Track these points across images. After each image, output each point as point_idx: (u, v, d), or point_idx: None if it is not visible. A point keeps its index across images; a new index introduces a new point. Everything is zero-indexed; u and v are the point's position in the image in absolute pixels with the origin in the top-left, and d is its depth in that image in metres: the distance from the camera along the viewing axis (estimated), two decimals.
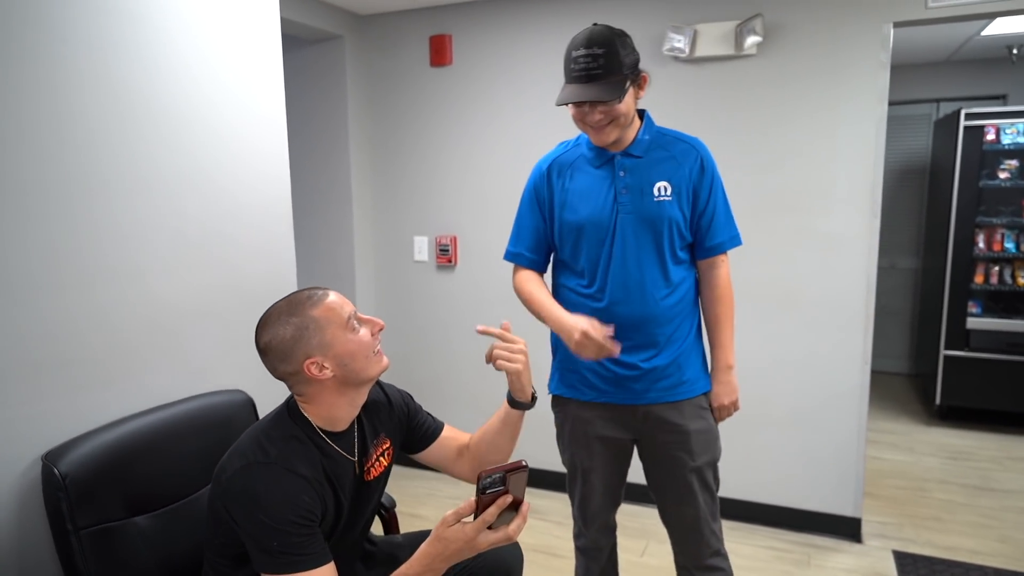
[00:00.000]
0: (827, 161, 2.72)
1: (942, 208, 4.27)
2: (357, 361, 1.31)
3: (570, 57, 1.62)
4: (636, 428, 1.81)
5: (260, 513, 1.20)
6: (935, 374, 4.26)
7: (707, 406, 1.82)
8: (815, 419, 2.87)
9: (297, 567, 1.21)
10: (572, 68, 1.61)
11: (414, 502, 1.63)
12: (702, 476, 1.78)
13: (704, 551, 1.82)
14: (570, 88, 1.62)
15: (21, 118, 1.37)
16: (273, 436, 1.30)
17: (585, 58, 1.58)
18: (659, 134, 1.76)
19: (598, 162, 1.74)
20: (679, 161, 1.72)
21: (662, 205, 1.69)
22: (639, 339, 1.73)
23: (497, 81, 3.21)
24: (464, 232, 3.39)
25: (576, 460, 1.88)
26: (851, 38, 2.62)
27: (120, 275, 1.58)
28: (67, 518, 1.32)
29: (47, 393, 1.43)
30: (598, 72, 1.58)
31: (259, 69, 1.96)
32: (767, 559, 2.74)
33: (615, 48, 1.58)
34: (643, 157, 1.72)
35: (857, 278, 2.74)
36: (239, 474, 1.24)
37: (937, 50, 4.41)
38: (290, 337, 1.28)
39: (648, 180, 1.70)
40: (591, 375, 1.79)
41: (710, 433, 1.80)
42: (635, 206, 1.70)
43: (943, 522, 3.04)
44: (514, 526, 1.21)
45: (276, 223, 2.05)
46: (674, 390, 1.76)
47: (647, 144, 1.73)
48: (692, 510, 1.80)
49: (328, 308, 1.31)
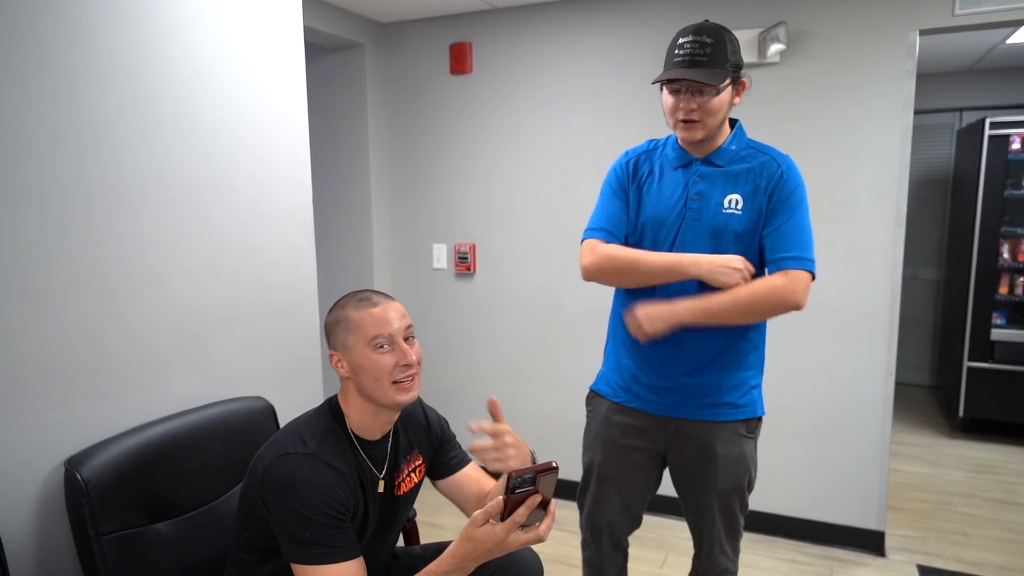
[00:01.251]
0: (851, 170, 2.69)
1: (966, 218, 4.21)
2: (367, 378, 1.32)
3: (675, 43, 1.59)
4: (665, 442, 1.76)
5: (295, 502, 1.22)
6: (958, 386, 4.19)
7: (747, 432, 1.72)
8: (838, 431, 2.83)
9: (327, 558, 1.23)
10: (676, 53, 1.57)
11: (433, 511, 1.62)
12: (725, 501, 1.74)
13: (713, 568, 1.81)
14: (670, 71, 1.58)
15: (44, 125, 1.38)
16: (313, 429, 1.33)
17: (692, 44, 1.55)
18: (747, 146, 1.68)
19: (678, 164, 1.70)
20: (758, 173, 1.64)
21: (730, 217, 1.63)
22: (684, 351, 1.68)
23: (517, 89, 3.21)
24: (483, 240, 3.39)
25: (595, 463, 1.83)
26: (876, 46, 2.59)
27: (143, 282, 1.58)
28: (89, 524, 1.32)
29: (70, 399, 1.44)
30: (703, 59, 1.54)
31: (282, 77, 1.97)
32: (789, 572, 2.70)
33: (723, 41, 1.55)
34: (724, 167, 1.66)
35: (882, 288, 2.70)
36: (277, 463, 1.26)
37: (960, 59, 4.36)
38: (329, 324, 1.37)
39: (721, 190, 1.64)
40: (632, 381, 1.75)
41: (741, 461, 1.71)
42: (701, 214, 1.65)
43: (969, 537, 2.98)
44: (544, 526, 1.21)
45: (298, 231, 2.05)
46: (711, 410, 1.69)
47: (731, 155, 1.66)
48: (707, 529, 1.78)
49: (364, 318, 1.32)
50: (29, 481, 1.37)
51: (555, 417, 3.27)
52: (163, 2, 1.60)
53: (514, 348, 3.37)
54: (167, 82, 1.63)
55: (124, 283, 1.54)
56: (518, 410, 3.41)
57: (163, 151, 1.62)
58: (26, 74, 1.34)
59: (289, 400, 1.95)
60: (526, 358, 3.36)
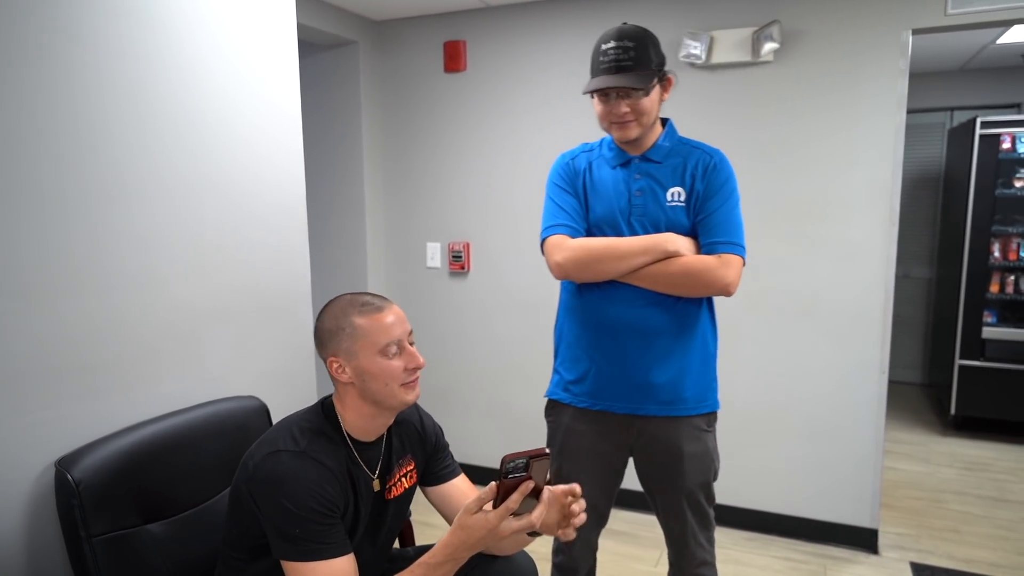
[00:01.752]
0: (844, 169, 2.70)
1: (957, 217, 4.23)
2: (376, 383, 1.32)
3: (599, 50, 1.63)
4: (629, 444, 1.78)
5: (284, 499, 1.21)
6: (950, 384, 4.21)
7: (707, 426, 1.76)
8: (832, 429, 2.84)
9: (318, 555, 1.22)
10: (601, 60, 1.62)
11: (426, 510, 1.61)
12: (693, 497, 1.76)
13: (691, 561, 1.82)
14: (598, 79, 1.63)
15: (38, 121, 1.36)
16: (304, 428, 1.32)
17: (615, 50, 1.60)
18: (680, 143, 1.74)
19: (615, 163, 1.74)
20: (693, 164, 1.70)
21: (674, 210, 1.68)
22: (641, 349, 1.70)
23: (511, 87, 3.20)
24: (477, 238, 3.38)
25: (561, 471, 1.83)
26: (869, 45, 2.60)
27: (137, 280, 1.57)
28: (80, 525, 1.31)
29: (61, 398, 1.42)
30: (628, 64, 1.59)
31: (276, 74, 1.95)
32: (783, 570, 2.71)
33: (645, 43, 1.61)
34: (661, 163, 1.71)
35: (875, 287, 2.71)
36: (266, 460, 1.26)
37: (951, 58, 4.38)
38: (327, 331, 1.33)
39: (663, 185, 1.69)
40: (592, 383, 1.75)
41: (705, 456, 1.74)
42: (647, 210, 1.68)
43: (961, 534, 3.00)
44: (536, 513, 1.21)
45: (292, 229, 2.04)
46: (672, 406, 1.71)
47: (666, 151, 1.72)
48: (679, 526, 1.79)
49: (371, 323, 1.31)
50: (19, 482, 1.35)
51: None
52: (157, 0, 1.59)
53: (509, 347, 3.37)
54: (161, 80, 1.61)
55: (116, 281, 1.52)
56: (512, 409, 3.40)
57: (157, 149, 1.61)
58: (20, 71, 1.32)
59: (283, 400, 1.94)
60: (521, 357, 3.35)
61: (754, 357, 2.93)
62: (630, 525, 2.96)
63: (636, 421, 1.73)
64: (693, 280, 1.62)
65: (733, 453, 3.00)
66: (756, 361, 2.93)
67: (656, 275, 1.63)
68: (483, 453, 3.45)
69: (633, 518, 3.01)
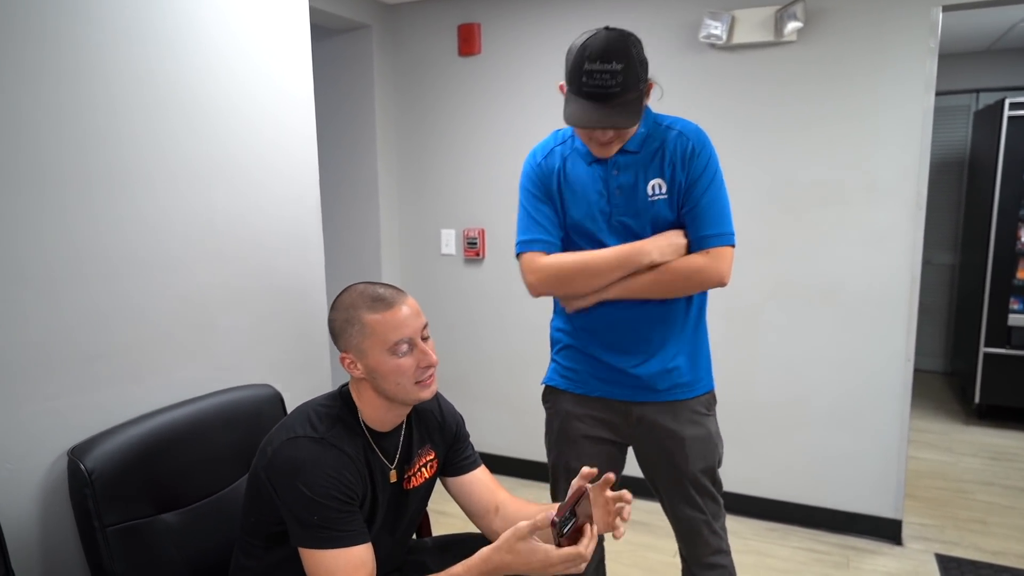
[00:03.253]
0: (870, 152, 2.63)
1: (983, 202, 4.13)
2: (387, 382, 1.29)
3: (581, 69, 1.44)
4: (629, 433, 1.74)
5: (302, 484, 1.19)
6: (974, 372, 4.13)
7: (706, 410, 1.72)
8: (855, 418, 2.78)
9: (335, 543, 1.20)
10: (585, 82, 1.44)
11: (442, 499, 1.58)
12: (698, 483, 1.71)
13: (705, 550, 1.77)
14: (582, 105, 1.46)
15: (45, 106, 1.33)
16: (322, 415, 1.30)
17: (601, 74, 1.42)
18: (654, 124, 1.62)
19: (591, 158, 1.63)
20: (670, 150, 1.59)
21: (656, 204, 1.58)
22: (631, 342, 1.66)
23: (527, 70, 3.14)
24: (492, 225, 3.34)
25: (561, 461, 1.79)
26: (897, 23, 2.52)
27: (147, 267, 1.54)
28: (94, 515, 1.29)
29: (73, 388, 1.40)
30: (616, 90, 1.43)
31: (288, 59, 1.92)
32: (805, 561, 2.66)
33: (631, 59, 1.43)
34: (639, 152, 1.60)
35: (901, 273, 2.64)
36: (285, 445, 1.24)
37: (978, 38, 4.27)
38: (338, 326, 1.31)
39: (642, 178, 1.59)
40: (588, 368, 1.72)
41: (708, 440, 1.70)
42: (628, 207, 1.60)
43: (988, 525, 2.94)
44: (585, 544, 1.18)
45: (305, 216, 2.01)
46: (669, 391, 1.67)
47: (642, 138, 1.60)
48: (690, 513, 1.74)
49: (380, 321, 1.27)
50: (31, 472, 1.33)
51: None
52: None
53: (524, 335, 3.33)
54: (171, 64, 1.58)
55: (128, 269, 1.50)
56: (527, 398, 3.37)
57: (166, 134, 1.58)
58: (26, 55, 1.29)
59: (297, 387, 1.92)
60: (536, 345, 3.30)
61: (776, 346, 2.87)
62: (646, 515, 2.92)
63: (634, 408, 1.70)
64: (687, 283, 1.60)
65: (754, 443, 2.96)
66: (778, 350, 2.87)
67: (651, 284, 1.58)
68: (496, 441, 3.43)
69: (650, 507, 2.94)
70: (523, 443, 3.38)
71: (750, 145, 2.78)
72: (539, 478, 3.33)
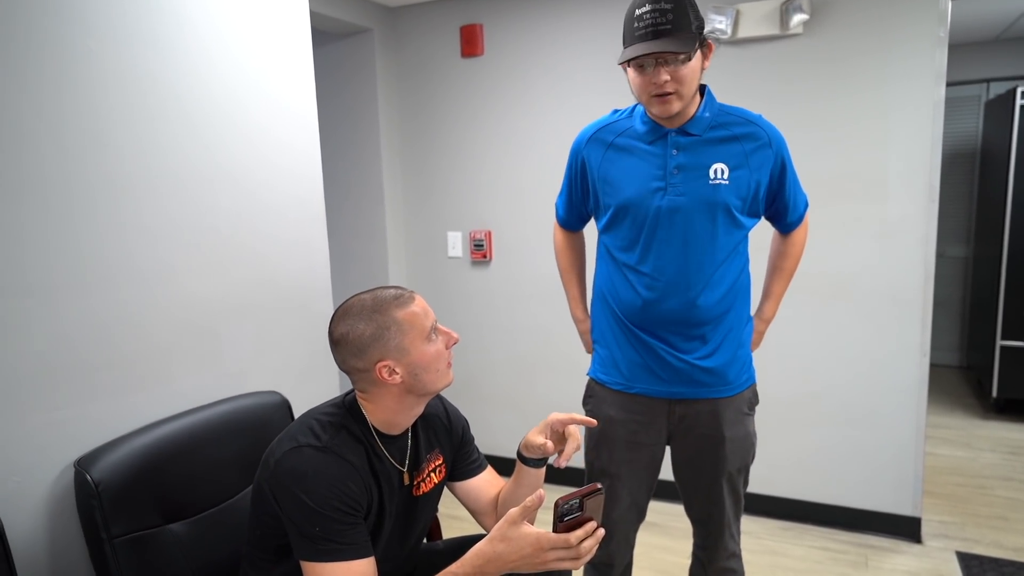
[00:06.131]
0: (881, 145, 2.59)
1: (996, 193, 4.07)
2: (429, 373, 1.28)
3: (633, 16, 1.47)
4: (670, 431, 1.71)
5: (304, 494, 1.17)
6: (991, 366, 4.07)
7: (747, 409, 1.71)
8: (871, 415, 2.74)
9: (338, 555, 1.17)
10: (637, 26, 1.46)
11: (453, 503, 1.56)
12: (732, 482, 1.71)
13: (722, 553, 1.77)
14: (635, 46, 1.46)
15: (46, 114, 1.32)
16: (325, 423, 1.27)
17: (652, 13, 1.44)
18: (720, 111, 1.61)
19: (651, 138, 1.59)
20: (742, 142, 1.58)
21: (717, 189, 1.55)
22: (682, 333, 1.62)
23: (531, 70, 3.12)
24: (499, 226, 3.32)
25: (599, 465, 1.77)
26: (905, 13, 2.48)
27: (150, 275, 1.53)
28: (101, 526, 1.28)
29: (78, 398, 1.39)
30: (667, 27, 1.43)
31: (290, 64, 1.91)
32: (822, 560, 2.62)
33: (684, 3, 1.45)
34: (700, 136, 1.57)
35: (914, 266, 2.60)
36: (288, 456, 1.21)
37: (987, 27, 4.21)
38: (369, 335, 1.24)
39: (704, 161, 1.56)
40: (626, 363, 1.69)
41: (746, 440, 1.70)
42: (687, 188, 1.56)
43: (1009, 521, 2.89)
44: (586, 544, 1.13)
45: (309, 221, 1.99)
46: (715, 388, 1.65)
47: (707, 122, 1.58)
48: (717, 513, 1.73)
49: (412, 313, 1.26)
50: (38, 483, 1.32)
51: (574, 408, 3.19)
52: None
53: (532, 337, 3.30)
54: (172, 70, 1.57)
55: (131, 277, 1.49)
56: (536, 401, 3.35)
57: (168, 139, 1.57)
58: (26, 62, 1.28)
59: (304, 394, 1.90)
60: (545, 347, 3.29)
61: (789, 341, 2.83)
62: (662, 516, 2.89)
63: (676, 407, 1.67)
64: (804, 246, 1.83)
65: (768, 440, 2.92)
66: (791, 346, 2.84)
67: (794, 265, 1.83)
68: (505, 444, 3.40)
69: (665, 508, 2.93)
70: None
71: None
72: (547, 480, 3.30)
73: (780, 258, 1.81)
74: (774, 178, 1.62)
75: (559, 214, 1.89)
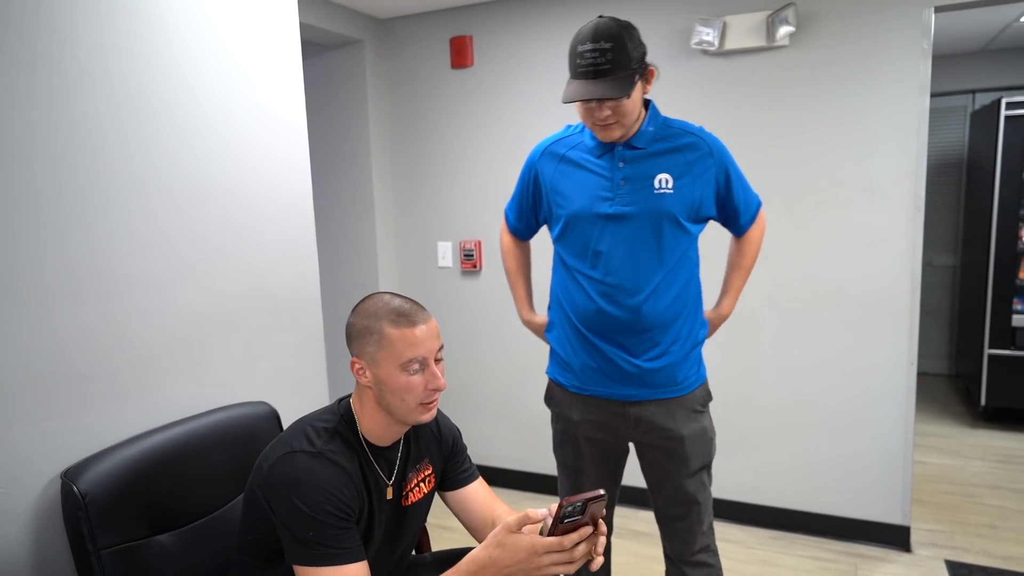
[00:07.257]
0: (867, 154, 2.62)
1: (982, 202, 4.11)
2: (392, 396, 1.27)
3: (576, 52, 1.57)
4: (628, 435, 1.79)
5: (298, 499, 1.17)
6: (979, 374, 4.10)
7: (700, 407, 1.77)
8: (859, 423, 2.76)
9: (331, 560, 1.18)
10: (578, 63, 1.56)
11: (443, 513, 1.56)
12: (698, 480, 1.77)
13: (693, 547, 1.81)
14: (576, 84, 1.57)
15: (35, 124, 1.32)
16: (320, 429, 1.28)
17: (592, 53, 1.53)
18: (664, 125, 1.71)
19: (599, 152, 1.70)
20: (684, 153, 1.67)
21: (662, 198, 1.64)
22: (633, 338, 1.69)
23: (520, 81, 3.14)
24: (489, 236, 3.32)
25: (563, 462, 1.89)
26: (889, 25, 2.52)
27: (139, 285, 1.53)
28: (88, 538, 1.27)
29: (64, 409, 1.38)
30: (606, 68, 1.53)
31: (279, 75, 1.91)
32: (812, 570, 2.63)
33: (623, 42, 1.53)
34: (645, 149, 1.67)
35: (901, 275, 2.62)
36: (281, 461, 1.22)
37: (972, 39, 4.27)
38: (356, 330, 1.29)
39: (649, 172, 1.65)
40: (580, 366, 1.77)
41: (704, 436, 1.76)
42: (634, 198, 1.65)
43: (997, 530, 2.90)
44: (580, 549, 1.13)
45: (298, 231, 1.99)
46: (665, 389, 1.72)
47: (651, 136, 1.68)
48: (684, 510, 1.79)
49: (400, 338, 1.25)
50: (24, 495, 1.31)
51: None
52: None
53: (522, 346, 3.31)
54: (161, 80, 1.57)
55: (119, 287, 1.49)
56: (526, 409, 3.35)
57: (158, 150, 1.57)
58: (16, 72, 1.29)
59: (293, 405, 1.90)
60: (535, 356, 3.29)
61: (777, 351, 2.85)
62: (652, 526, 2.89)
63: (631, 408, 1.73)
64: (761, 242, 1.87)
65: (757, 450, 2.93)
66: (779, 355, 2.85)
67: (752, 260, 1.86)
68: (497, 454, 3.40)
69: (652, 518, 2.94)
70: (523, 455, 3.36)
71: (746, 151, 2.76)
72: (540, 490, 3.30)
73: (737, 256, 1.87)
74: (720, 184, 1.70)
75: (509, 221, 2.00)
